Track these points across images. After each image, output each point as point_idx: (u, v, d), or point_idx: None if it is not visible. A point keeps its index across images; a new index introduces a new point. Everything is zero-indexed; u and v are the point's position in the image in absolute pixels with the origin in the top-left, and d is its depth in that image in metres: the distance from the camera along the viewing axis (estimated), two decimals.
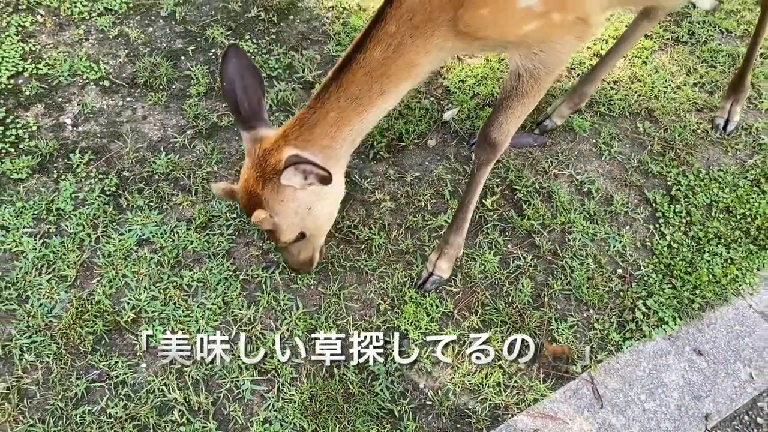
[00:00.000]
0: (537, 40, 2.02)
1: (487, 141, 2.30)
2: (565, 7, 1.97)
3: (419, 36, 1.94)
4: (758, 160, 3.04)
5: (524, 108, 2.22)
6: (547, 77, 2.13)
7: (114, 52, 3.22)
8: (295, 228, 2.19)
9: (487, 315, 2.53)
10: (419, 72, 2.04)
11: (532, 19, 1.95)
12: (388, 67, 1.96)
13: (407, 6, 1.90)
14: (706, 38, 3.51)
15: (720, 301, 2.63)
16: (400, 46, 1.94)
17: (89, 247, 2.60)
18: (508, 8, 1.93)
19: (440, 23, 1.92)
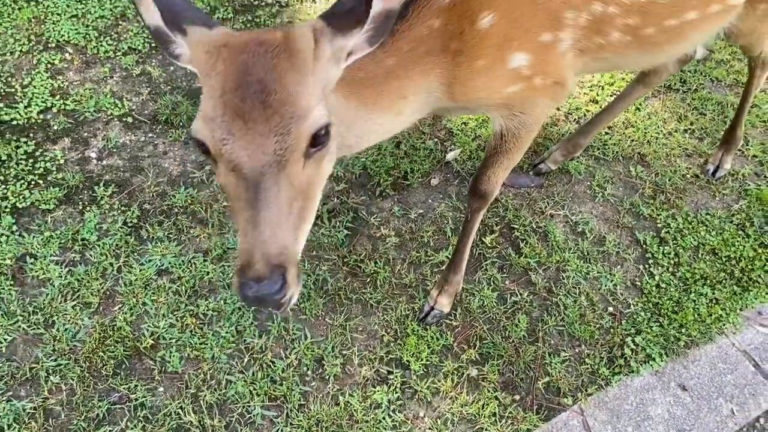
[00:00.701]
0: (518, 102, 2.14)
1: (477, 192, 2.45)
2: (547, 72, 2.09)
3: (415, 68, 1.92)
4: (744, 205, 3.22)
5: (509, 162, 2.36)
6: (527, 136, 2.27)
7: (137, 89, 3.41)
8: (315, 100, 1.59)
9: (485, 348, 2.68)
10: (403, 109, 1.97)
11: (517, 81, 2.06)
12: (388, 83, 1.89)
13: (417, 34, 1.89)
14: (697, 86, 3.70)
15: (704, 340, 2.79)
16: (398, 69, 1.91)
17: (112, 276, 2.76)
18: (500, 66, 2.00)
19: (438, 64, 1.94)
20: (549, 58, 2.04)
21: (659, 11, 2.08)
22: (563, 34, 2.01)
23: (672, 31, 2.18)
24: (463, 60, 1.94)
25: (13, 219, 2.88)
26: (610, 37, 2.08)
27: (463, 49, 1.92)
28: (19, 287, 2.71)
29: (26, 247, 2.81)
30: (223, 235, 2.92)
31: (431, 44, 1.91)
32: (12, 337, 2.58)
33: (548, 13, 1.97)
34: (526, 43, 1.98)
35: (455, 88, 2.00)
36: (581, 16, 2.00)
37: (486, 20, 1.90)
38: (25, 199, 2.95)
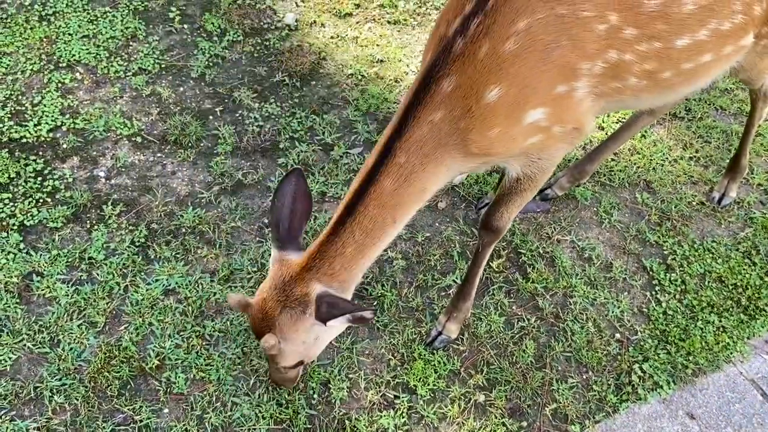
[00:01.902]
0: (537, 150, 2.15)
1: (489, 228, 2.46)
2: (565, 120, 2.09)
3: (430, 163, 2.00)
4: (749, 233, 3.23)
5: (523, 200, 2.38)
6: (542, 177, 2.28)
7: (146, 109, 3.44)
8: (297, 356, 2.20)
9: (492, 374, 2.67)
10: (428, 195, 2.11)
11: (536, 133, 2.07)
12: (400, 196, 2.01)
13: (417, 137, 1.96)
14: (702, 115, 3.73)
15: (712, 368, 2.78)
16: (411, 174, 2.00)
17: (118, 296, 2.76)
18: (517, 126, 2.02)
19: (452, 144, 2.00)
20: (566, 106, 2.04)
21: (677, 56, 2.10)
22: (579, 83, 2.01)
23: (688, 73, 2.20)
24: (476, 134, 1.98)
25: (21, 237, 2.88)
26: (627, 82, 2.09)
27: (474, 125, 1.96)
28: (25, 305, 2.70)
29: (33, 265, 2.80)
30: (231, 256, 2.91)
31: (437, 136, 1.96)
32: (17, 355, 2.57)
33: (561, 67, 1.96)
34: (540, 99, 1.99)
35: (473, 156, 2.06)
36: (597, 65, 2.00)
37: (493, 93, 1.92)
38: (33, 216, 2.95)
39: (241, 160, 3.27)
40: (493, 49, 1.87)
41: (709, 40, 2.12)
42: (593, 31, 1.94)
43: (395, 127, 1.98)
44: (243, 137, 3.35)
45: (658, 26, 2.00)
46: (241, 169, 3.23)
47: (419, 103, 1.94)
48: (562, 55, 1.92)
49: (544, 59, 1.91)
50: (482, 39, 1.88)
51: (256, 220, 3.06)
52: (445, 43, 1.93)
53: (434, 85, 1.93)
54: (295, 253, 2.09)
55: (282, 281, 2.04)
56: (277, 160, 3.28)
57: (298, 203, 2.10)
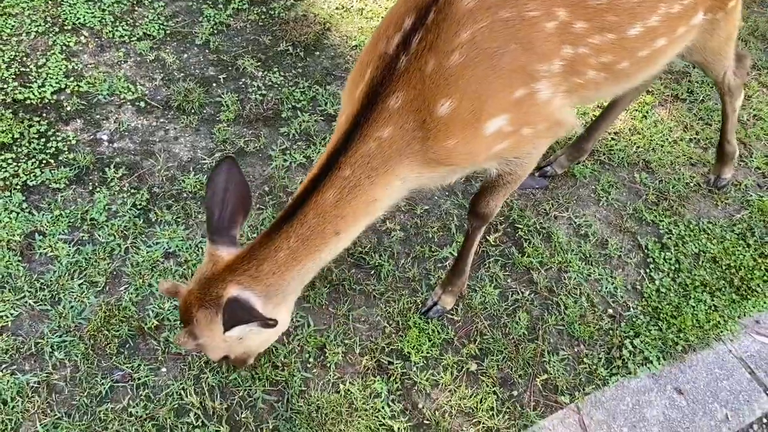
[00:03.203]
0: (510, 153, 2.10)
1: (476, 214, 2.46)
2: (533, 122, 2.02)
3: (378, 176, 1.94)
4: (745, 215, 3.25)
5: (508, 190, 2.35)
6: (525, 171, 2.25)
7: (150, 75, 3.45)
8: (221, 351, 2.15)
9: (485, 344, 2.72)
10: (379, 207, 2.04)
11: (503, 139, 2.01)
12: (342, 209, 1.95)
13: (362, 152, 1.91)
14: (704, 97, 3.74)
15: (702, 345, 2.82)
16: (356, 188, 1.94)
17: (119, 257, 2.79)
18: (476, 137, 1.96)
19: (405, 157, 1.94)
20: (531, 109, 1.98)
21: (631, 45, 2.05)
22: (539, 84, 1.95)
23: (644, 61, 2.16)
24: (432, 144, 1.93)
25: (24, 196, 2.91)
26: (587, 77, 2.03)
27: (429, 136, 1.91)
28: (27, 263, 2.74)
29: (35, 225, 2.83)
30: None
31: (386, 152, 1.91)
32: (18, 312, 2.61)
33: (514, 72, 1.90)
34: (498, 107, 1.93)
35: (434, 166, 2.00)
36: (554, 64, 1.94)
37: (445, 107, 1.86)
38: (36, 177, 2.98)
39: (243, 128, 3.29)
40: (439, 64, 1.82)
41: (660, 25, 2.07)
42: (542, 30, 1.88)
43: (340, 142, 1.93)
44: (246, 105, 3.36)
45: (608, 18, 1.95)
46: (243, 136, 3.25)
47: (366, 120, 1.88)
48: (513, 59, 1.86)
49: (493, 67, 1.85)
50: (427, 54, 1.83)
51: (257, 187, 3.09)
52: (387, 60, 1.87)
53: (381, 103, 1.87)
54: (227, 248, 2.03)
55: (204, 278, 1.99)
56: (279, 129, 3.30)
57: (231, 194, 2.03)
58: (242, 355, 2.28)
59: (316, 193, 1.93)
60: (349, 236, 2.06)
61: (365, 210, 2.00)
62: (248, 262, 1.97)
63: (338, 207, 1.94)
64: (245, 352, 2.25)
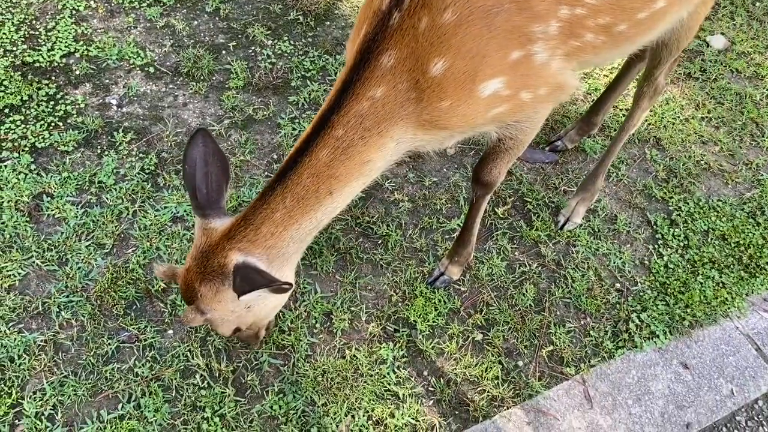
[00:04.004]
0: (509, 117, 2.02)
1: (479, 182, 2.40)
2: (532, 85, 1.94)
3: (371, 137, 1.90)
4: (756, 194, 3.23)
5: (511, 157, 2.29)
6: (527, 136, 2.18)
7: (160, 41, 3.43)
8: (231, 324, 2.11)
9: (491, 314, 2.71)
10: (373, 168, 1.99)
11: (500, 103, 1.94)
12: (336, 168, 1.91)
13: (355, 112, 1.87)
14: (717, 76, 3.71)
15: (709, 321, 2.81)
16: (349, 148, 1.90)
17: (127, 220, 2.79)
18: (471, 99, 1.89)
19: (399, 118, 1.89)
20: (528, 72, 1.91)
21: (630, 6, 1.98)
22: (536, 47, 1.88)
23: (643, 24, 2.08)
24: (426, 105, 1.88)
25: (32, 158, 2.91)
26: (584, 39, 1.96)
27: (423, 96, 1.86)
28: (35, 224, 2.73)
29: (43, 186, 2.83)
30: (239, 189, 2.94)
31: (379, 111, 1.86)
32: (26, 271, 2.61)
33: (509, 32, 1.82)
34: (493, 69, 1.86)
35: (428, 128, 1.95)
36: (551, 25, 1.86)
37: (438, 66, 1.81)
38: (44, 139, 2.97)
39: (252, 96, 3.27)
40: (432, 22, 1.77)
41: None
42: None
43: (333, 101, 1.89)
44: (255, 73, 3.34)
45: None
46: (252, 104, 3.23)
47: (358, 79, 1.84)
48: (508, 19, 1.79)
49: (488, 26, 1.78)
50: (420, 11, 1.77)
51: (265, 155, 3.07)
52: (380, 17, 1.82)
53: (373, 61, 1.82)
54: (218, 219, 1.99)
55: (201, 252, 1.96)
56: (288, 98, 3.28)
57: (211, 165, 1.98)
58: (252, 326, 2.26)
59: (310, 153, 1.89)
60: (344, 197, 2.01)
61: (359, 171, 1.95)
62: (245, 227, 1.94)
63: (331, 167, 1.91)
64: (255, 322, 2.22)
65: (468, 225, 2.65)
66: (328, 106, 1.90)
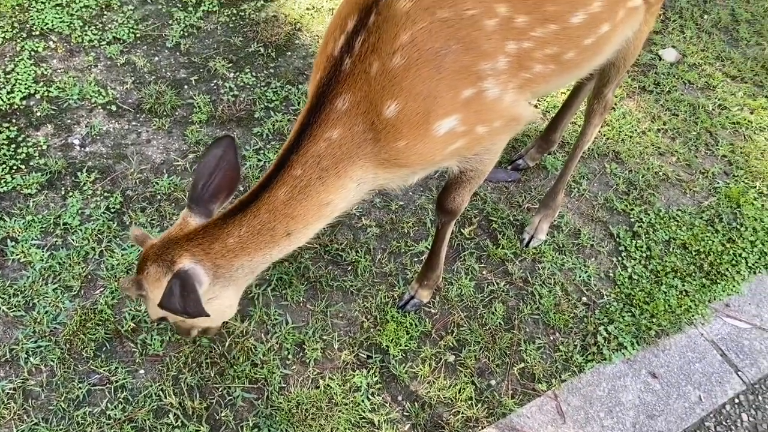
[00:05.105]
0: (467, 151, 2.07)
1: (444, 209, 2.45)
2: (487, 120, 1.98)
3: (329, 177, 1.93)
4: (713, 202, 3.33)
5: (473, 184, 2.33)
6: (487, 166, 2.23)
7: (121, 78, 3.43)
8: (159, 313, 2.13)
9: (462, 335, 2.75)
10: (334, 209, 2.03)
11: (456, 139, 1.97)
12: (294, 208, 1.95)
13: (312, 152, 1.91)
14: (670, 88, 3.82)
15: (674, 329, 2.88)
16: (307, 187, 1.93)
17: (93, 260, 2.78)
18: (427, 138, 1.92)
19: (357, 158, 1.93)
20: (482, 108, 1.95)
21: (575, 34, 2.03)
22: (486, 83, 1.90)
23: (590, 49, 2.13)
24: (384, 145, 1.92)
25: None
26: (534, 70, 2.00)
27: (380, 137, 1.90)
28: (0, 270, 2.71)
29: (7, 231, 2.81)
30: None
31: (336, 152, 1.91)
32: None
33: (458, 72, 1.85)
34: (446, 107, 1.89)
35: (389, 167, 1.99)
36: (499, 61, 1.90)
37: (391, 108, 1.84)
38: (6, 183, 2.95)
39: (216, 129, 3.29)
40: (383, 66, 1.80)
41: (602, 10, 2.04)
42: (483, 28, 1.84)
43: (292, 141, 1.94)
44: (218, 106, 3.36)
45: (548, 8, 1.92)
46: (216, 137, 3.24)
47: (315, 121, 1.89)
48: (455, 59, 1.82)
49: (437, 68, 1.82)
50: (370, 56, 1.81)
51: None
52: (333, 62, 1.87)
53: (328, 104, 1.87)
54: (199, 218, 2.05)
55: (167, 237, 2.03)
56: (252, 130, 3.31)
57: (219, 170, 2.06)
58: (181, 324, 2.31)
59: (269, 190, 1.94)
60: (301, 238, 2.05)
61: (318, 212, 2.00)
62: (203, 236, 2.00)
63: (289, 206, 1.95)
64: (181, 322, 2.27)
65: (435, 249, 2.69)
66: (288, 146, 1.95)
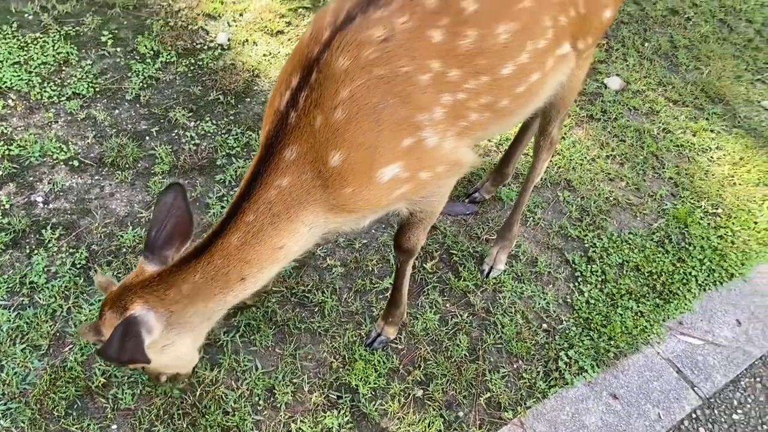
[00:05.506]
0: (413, 194, 2.16)
1: (400, 249, 2.56)
2: (430, 165, 2.08)
3: (281, 222, 2.01)
4: (662, 224, 3.48)
5: (426, 224, 2.44)
6: (436, 207, 2.33)
7: (82, 133, 3.48)
8: None
9: (429, 369, 2.83)
10: (287, 253, 2.10)
11: (401, 185, 2.06)
12: (247, 252, 2.02)
13: (264, 199, 1.99)
14: (617, 115, 3.99)
15: (632, 350, 3.00)
16: (260, 232, 2.01)
17: (61, 318, 2.80)
18: (372, 185, 2.01)
19: (307, 204, 2.02)
20: (423, 155, 2.04)
21: (507, 84, 2.14)
22: (425, 132, 2.00)
23: (523, 96, 2.24)
24: (332, 191, 2.01)
25: None
26: (470, 119, 2.11)
27: (327, 184, 2.00)
28: None
29: None
30: None
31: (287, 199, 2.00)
32: None
33: (396, 124, 1.95)
34: (389, 156, 1.99)
35: (338, 212, 2.08)
36: (436, 112, 2.00)
37: (336, 158, 1.95)
38: None
39: (178, 179, 3.35)
40: (326, 120, 1.91)
41: (531, 60, 2.16)
42: (417, 83, 1.94)
43: (244, 190, 2.02)
44: (180, 156, 3.43)
45: (480, 62, 2.03)
46: None
47: (265, 170, 1.98)
48: (393, 113, 1.93)
49: (376, 120, 1.92)
50: (314, 110, 1.92)
51: (196, 236, 3.13)
52: (280, 116, 1.98)
53: (277, 155, 1.97)
54: (154, 265, 2.11)
55: (124, 284, 2.09)
56: (215, 177, 3.38)
57: (171, 217, 2.12)
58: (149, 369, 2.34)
59: (223, 236, 2.01)
60: (256, 283, 2.12)
61: (271, 256, 2.07)
62: (158, 283, 2.05)
63: (243, 251, 2.02)
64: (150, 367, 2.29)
65: (397, 287, 2.78)
66: (240, 193, 2.04)
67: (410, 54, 1.91)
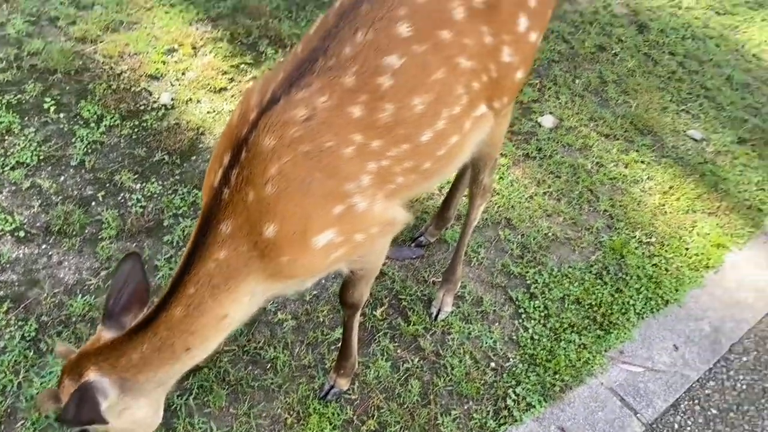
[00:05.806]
0: (349, 256, 2.26)
1: (345, 304, 2.67)
2: (363, 229, 2.18)
3: (220, 293, 2.08)
4: (599, 256, 3.65)
5: (368, 279, 2.54)
6: (376, 263, 2.46)
7: (28, 203, 3.49)
8: None
9: (383, 417, 2.90)
10: (231, 320, 2.17)
11: (336, 248, 2.15)
12: (191, 324, 2.08)
13: (204, 272, 2.06)
14: (551, 153, 4.18)
15: (576, 382, 3.12)
16: (201, 305, 2.07)
17: (12, 393, 2.79)
18: (307, 252, 2.11)
19: (246, 274, 2.09)
20: (354, 219, 2.14)
21: (428, 149, 2.26)
22: (354, 199, 2.11)
23: (445, 158, 2.36)
24: (269, 261, 2.10)
25: None
26: (398, 181, 2.23)
27: (264, 254, 2.07)
28: None
29: None
30: None
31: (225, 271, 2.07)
32: None
33: (325, 195, 2.07)
34: (321, 225, 2.09)
35: (278, 278, 2.16)
36: (362, 180, 2.11)
37: (270, 230, 2.04)
38: None
39: (126, 243, 3.38)
40: (257, 195, 2.00)
41: (448, 125, 2.28)
42: (342, 156, 2.06)
43: (184, 263, 2.09)
44: (127, 219, 3.47)
45: (399, 132, 2.15)
46: (127, 251, 3.31)
47: (203, 244, 2.05)
48: (321, 185, 2.04)
49: (305, 193, 2.03)
50: (245, 187, 2.01)
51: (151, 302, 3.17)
52: (214, 192, 2.05)
53: (213, 230, 2.04)
54: (111, 332, 2.16)
55: (82, 352, 2.14)
56: (163, 238, 3.42)
57: (128, 285, 2.19)
58: None
59: (166, 309, 2.07)
60: (202, 352, 2.19)
61: (215, 326, 2.14)
62: (111, 351, 2.09)
63: (186, 323, 2.08)
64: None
65: (346, 339, 2.86)
66: (181, 266, 2.11)
67: (333, 130, 2.03)
